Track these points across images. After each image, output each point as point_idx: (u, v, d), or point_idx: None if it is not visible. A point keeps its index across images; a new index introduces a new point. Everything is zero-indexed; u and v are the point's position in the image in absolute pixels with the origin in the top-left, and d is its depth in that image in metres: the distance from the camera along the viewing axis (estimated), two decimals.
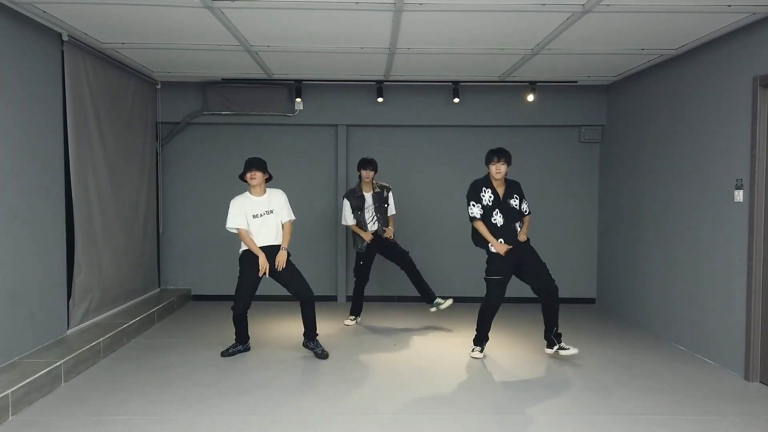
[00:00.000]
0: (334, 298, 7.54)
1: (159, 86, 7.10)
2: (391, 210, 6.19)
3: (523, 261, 4.96)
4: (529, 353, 5.26)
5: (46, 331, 4.73)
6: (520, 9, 4.30)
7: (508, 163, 4.91)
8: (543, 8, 4.27)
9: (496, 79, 6.80)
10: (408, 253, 6.19)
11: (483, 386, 4.39)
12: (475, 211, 4.94)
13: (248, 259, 4.99)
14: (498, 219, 4.93)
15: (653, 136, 6.02)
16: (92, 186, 5.47)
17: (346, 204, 6.08)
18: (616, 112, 6.99)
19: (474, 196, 4.97)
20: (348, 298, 7.50)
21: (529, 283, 5.05)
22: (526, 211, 5.06)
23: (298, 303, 5.13)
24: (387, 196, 6.14)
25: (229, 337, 5.64)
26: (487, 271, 5.02)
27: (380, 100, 7.05)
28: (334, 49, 5.47)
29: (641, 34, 4.91)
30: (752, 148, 4.49)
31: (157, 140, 7.23)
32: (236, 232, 4.99)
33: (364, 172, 6.05)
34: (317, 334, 5.18)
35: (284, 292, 5.47)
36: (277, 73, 6.62)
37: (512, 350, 5.37)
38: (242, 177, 5.02)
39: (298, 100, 7.09)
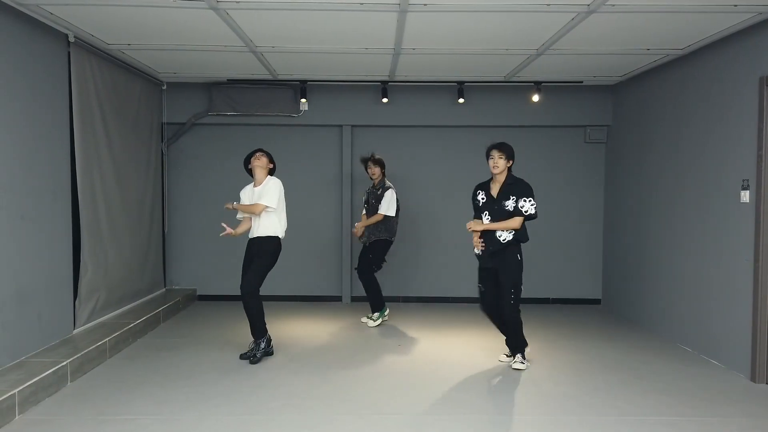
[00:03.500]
0: (338, 299, 7.55)
1: (165, 87, 7.13)
2: (381, 208, 6.10)
3: (497, 273, 4.70)
4: (533, 354, 5.24)
5: (52, 330, 4.76)
6: (525, 9, 4.29)
7: (508, 156, 4.66)
8: (548, 8, 4.26)
9: (501, 79, 6.79)
10: (375, 268, 6.19)
11: (486, 387, 4.39)
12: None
13: (247, 246, 5.09)
14: (485, 221, 4.71)
15: (659, 137, 6.00)
16: (98, 186, 5.49)
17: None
18: (622, 112, 6.97)
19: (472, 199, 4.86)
20: (353, 299, 7.52)
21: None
22: (526, 212, 4.57)
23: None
24: (381, 194, 6.16)
25: (234, 336, 5.67)
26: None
27: (385, 100, 7.05)
28: (338, 49, 5.48)
29: (647, 34, 4.89)
30: (759, 148, 4.47)
31: (162, 141, 7.26)
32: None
33: (368, 171, 6.30)
34: (258, 337, 4.96)
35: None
36: (282, 73, 6.64)
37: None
38: (246, 166, 5.12)
39: (303, 100, 7.10)
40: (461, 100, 7.04)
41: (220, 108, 7.16)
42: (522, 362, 4.79)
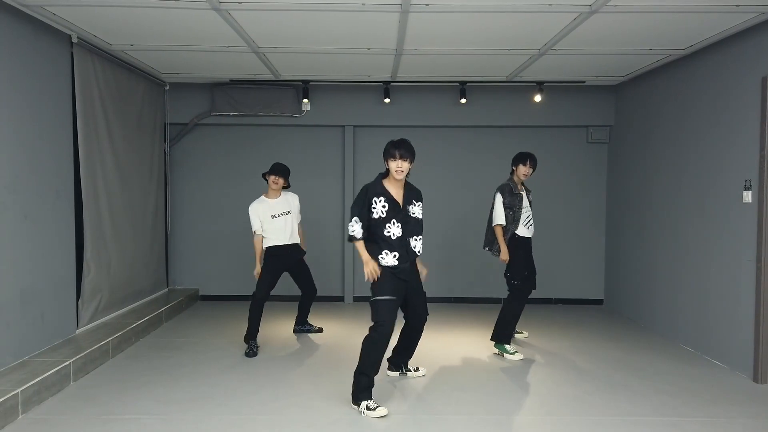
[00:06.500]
0: (341, 299, 7.55)
1: (167, 87, 7.14)
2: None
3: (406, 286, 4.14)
4: (535, 354, 5.25)
5: (55, 330, 4.77)
6: (527, 10, 4.30)
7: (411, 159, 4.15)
8: (550, 9, 4.26)
9: (504, 79, 6.79)
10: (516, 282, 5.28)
11: (489, 387, 4.39)
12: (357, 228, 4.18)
13: (271, 255, 5.39)
14: (396, 230, 4.11)
15: (662, 137, 6.00)
16: (101, 187, 5.51)
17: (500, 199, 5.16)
18: (624, 112, 6.96)
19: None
20: (355, 299, 7.53)
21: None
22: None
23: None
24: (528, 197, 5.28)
25: (236, 336, 5.68)
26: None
27: (387, 100, 7.05)
28: (341, 50, 5.48)
29: (649, 34, 4.89)
30: (761, 148, 4.46)
31: (165, 141, 7.28)
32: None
33: (524, 169, 5.18)
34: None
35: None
36: (284, 74, 6.65)
37: (518, 351, 5.35)
38: (265, 177, 5.44)
39: (306, 101, 7.11)
40: (463, 101, 7.04)
41: (223, 108, 7.18)
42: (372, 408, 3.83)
